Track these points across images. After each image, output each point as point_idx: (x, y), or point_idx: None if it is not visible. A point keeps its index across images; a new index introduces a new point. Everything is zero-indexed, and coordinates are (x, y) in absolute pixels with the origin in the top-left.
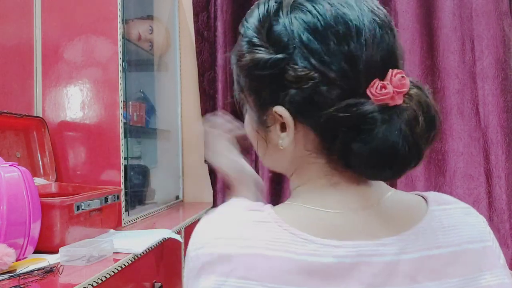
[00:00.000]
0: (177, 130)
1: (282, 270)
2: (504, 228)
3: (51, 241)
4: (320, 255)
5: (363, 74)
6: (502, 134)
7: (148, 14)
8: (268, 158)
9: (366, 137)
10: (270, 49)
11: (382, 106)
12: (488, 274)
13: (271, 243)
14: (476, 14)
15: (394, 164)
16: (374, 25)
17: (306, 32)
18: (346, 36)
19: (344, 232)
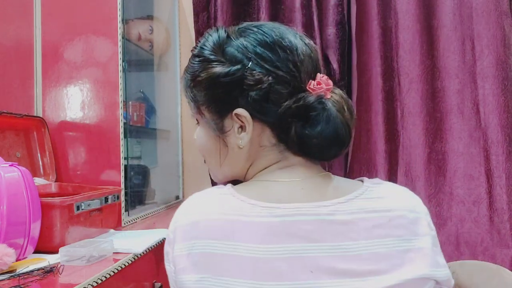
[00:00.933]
0: (177, 130)
1: (234, 230)
2: (504, 228)
3: (51, 241)
4: (265, 216)
5: (303, 75)
6: (502, 134)
7: (148, 14)
8: (226, 163)
9: (314, 122)
10: (227, 63)
11: (320, 98)
12: (421, 238)
13: (227, 209)
14: (476, 14)
15: (336, 143)
16: (303, 44)
17: (259, 46)
18: (289, 48)
19: (287, 197)
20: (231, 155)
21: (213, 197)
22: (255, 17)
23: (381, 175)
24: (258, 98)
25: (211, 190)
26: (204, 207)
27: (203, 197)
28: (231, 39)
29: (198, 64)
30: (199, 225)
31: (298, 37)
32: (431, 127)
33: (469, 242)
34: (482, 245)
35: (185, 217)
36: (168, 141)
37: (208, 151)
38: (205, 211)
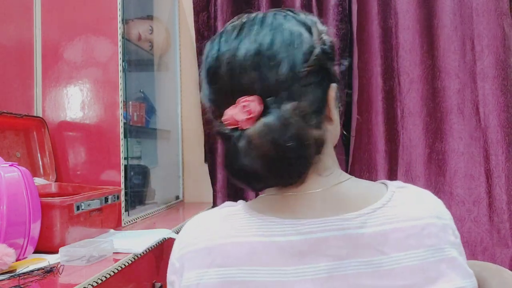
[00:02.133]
0: (177, 130)
1: (254, 252)
2: (504, 228)
3: (51, 241)
4: (287, 234)
5: (220, 102)
6: (502, 134)
7: (148, 14)
8: None
9: (226, 153)
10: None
11: (232, 129)
12: (452, 247)
13: (242, 230)
14: (477, 14)
15: (246, 177)
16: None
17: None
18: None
19: (307, 212)
20: None
21: (223, 217)
22: None
23: (381, 175)
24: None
25: (220, 209)
26: (214, 229)
27: (211, 218)
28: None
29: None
30: (211, 251)
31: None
32: (431, 127)
33: (469, 242)
34: (482, 245)
35: (194, 242)
36: (168, 141)
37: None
38: (216, 234)
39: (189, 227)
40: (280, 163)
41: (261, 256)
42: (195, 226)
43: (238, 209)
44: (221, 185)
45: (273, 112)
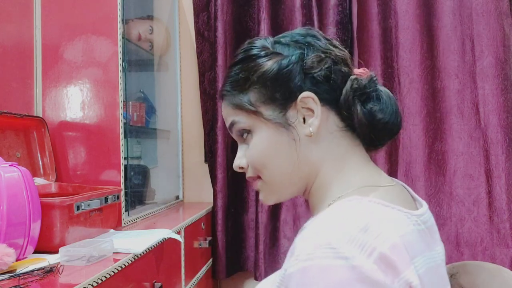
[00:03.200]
0: (177, 130)
1: (418, 241)
2: (504, 228)
3: (51, 241)
4: (419, 224)
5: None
6: (502, 134)
7: (148, 14)
8: (297, 163)
9: (376, 98)
10: (281, 55)
11: (371, 78)
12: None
13: (402, 221)
14: (476, 14)
15: (396, 120)
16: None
17: (309, 36)
18: (328, 38)
19: (406, 203)
20: (302, 149)
21: (380, 209)
22: (255, 17)
23: None
24: (321, 79)
25: (367, 202)
26: (385, 223)
27: (376, 212)
28: (276, 41)
29: (247, 66)
30: (401, 243)
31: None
32: (431, 127)
33: (469, 242)
34: (482, 245)
35: (386, 239)
36: (168, 141)
37: (271, 155)
38: (392, 227)
39: (367, 226)
40: (399, 118)
41: (420, 243)
42: (372, 222)
43: (379, 202)
44: (221, 185)
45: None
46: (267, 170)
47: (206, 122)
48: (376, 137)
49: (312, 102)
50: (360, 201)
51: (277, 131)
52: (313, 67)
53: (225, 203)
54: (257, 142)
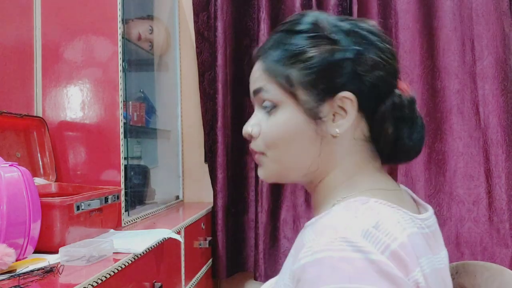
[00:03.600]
0: (177, 130)
1: (421, 243)
2: (504, 228)
3: (51, 241)
4: (423, 227)
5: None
6: (502, 134)
7: (148, 14)
8: (309, 155)
9: (411, 123)
10: (341, 44)
11: (412, 99)
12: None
13: (405, 223)
14: (476, 14)
15: (419, 147)
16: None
17: (373, 35)
18: (390, 42)
19: (411, 207)
20: (320, 146)
21: (387, 210)
22: (255, 17)
23: None
24: (368, 85)
25: (373, 202)
26: (393, 223)
27: (383, 212)
28: (337, 25)
29: (306, 40)
30: (409, 242)
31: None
32: (431, 127)
33: (468, 242)
34: (482, 245)
35: (396, 237)
36: (168, 141)
37: (289, 139)
38: (400, 227)
39: (385, 222)
40: (422, 145)
41: (424, 246)
42: (379, 221)
43: (385, 203)
44: (221, 185)
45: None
46: (278, 151)
47: (206, 122)
48: (395, 155)
49: (350, 104)
50: (366, 201)
51: (304, 119)
52: (366, 70)
53: (225, 203)
54: (280, 121)
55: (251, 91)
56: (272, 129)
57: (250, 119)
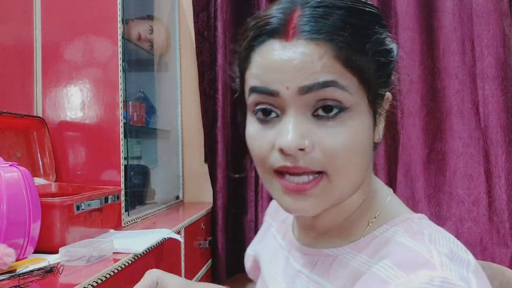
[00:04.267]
0: (177, 130)
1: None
2: (504, 228)
3: (51, 241)
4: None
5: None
6: (502, 134)
7: (148, 14)
8: (362, 168)
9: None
10: (394, 39)
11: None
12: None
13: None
14: (476, 15)
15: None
16: None
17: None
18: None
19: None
20: (371, 155)
21: (435, 226)
22: None
23: (381, 175)
24: (391, 82)
25: (420, 220)
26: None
27: (440, 231)
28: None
29: (382, 28)
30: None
31: None
32: (431, 127)
33: (468, 242)
34: (482, 245)
35: (468, 258)
36: (168, 141)
37: (363, 154)
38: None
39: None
40: None
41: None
42: (450, 242)
43: (422, 216)
44: (221, 185)
45: None
46: (350, 171)
47: (206, 122)
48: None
49: (387, 105)
50: (416, 221)
51: (372, 127)
52: (394, 69)
53: (225, 203)
54: (358, 130)
55: (297, 86)
56: (348, 140)
57: (287, 127)
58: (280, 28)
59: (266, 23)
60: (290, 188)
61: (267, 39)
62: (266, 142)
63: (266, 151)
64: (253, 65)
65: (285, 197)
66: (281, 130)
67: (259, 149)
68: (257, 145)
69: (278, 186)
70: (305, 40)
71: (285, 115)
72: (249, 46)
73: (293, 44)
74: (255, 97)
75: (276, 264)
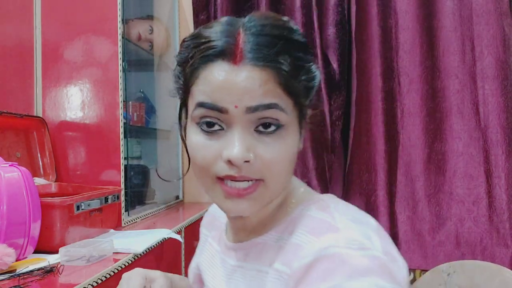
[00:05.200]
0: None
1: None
2: (503, 227)
3: (51, 241)
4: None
5: None
6: (502, 134)
7: (148, 14)
8: (291, 173)
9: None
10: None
11: None
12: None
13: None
14: (476, 14)
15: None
16: None
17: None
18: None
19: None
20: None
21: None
22: None
23: (380, 175)
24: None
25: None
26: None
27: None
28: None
29: (309, 55)
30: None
31: None
32: (431, 127)
33: (468, 242)
34: (482, 245)
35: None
36: (168, 141)
37: (293, 162)
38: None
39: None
40: None
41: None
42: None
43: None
44: None
45: None
46: (283, 178)
47: None
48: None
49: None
50: (325, 198)
51: (299, 139)
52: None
53: None
54: (289, 144)
55: (244, 106)
56: (284, 153)
57: (234, 141)
58: (228, 51)
59: (212, 45)
60: (231, 193)
61: (215, 60)
62: (212, 152)
63: (211, 160)
64: (200, 81)
65: (226, 201)
66: (227, 143)
67: (204, 158)
68: (202, 154)
69: (220, 191)
70: (251, 66)
71: (230, 130)
72: (196, 64)
73: (240, 68)
74: (202, 111)
75: (214, 268)
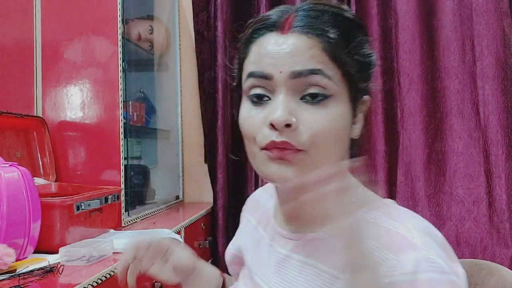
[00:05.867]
0: (177, 130)
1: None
2: (504, 228)
3: (51, 241)
4: None
5: None
6: (502, 134)
7: (148, 14)
8: (337, 150)
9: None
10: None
11: None
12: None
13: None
14: (476, 14)
15: None
16: None
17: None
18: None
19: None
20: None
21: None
22: None
23: (381, 175)
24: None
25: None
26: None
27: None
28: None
29: (364, 35)
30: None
31: None
32: (431, 127)
33: (468, 242)
34: (482, 245)
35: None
36: (168, 141)
37: (341, 138)
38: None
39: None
40: None
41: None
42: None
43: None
44: (221, 185)
45: None
46: (327, 151)
47: (206, 122)
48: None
49: (366, 108)
50: (391, 205)
51: (350, 119)
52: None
53: (225, 203)
54: (336, 115)
55: (289, 71)
56: (328, 123)
57: (277, 105)
58: (278, 23)
59: (265, 19)
60: (274, 155)
61: (266, 32)
62: (258, 120)
63: (257, 128)
64: (251, 54)
65: (270, 164)
66: (272, 108)
67: (251, 126)
68: (249, 123)
69: (263, 156)
70: (298, 33)
71: (276, 96)
72: (249, 39)
73: (288, 36)
74: (252, 81)
75: (259, 253)
